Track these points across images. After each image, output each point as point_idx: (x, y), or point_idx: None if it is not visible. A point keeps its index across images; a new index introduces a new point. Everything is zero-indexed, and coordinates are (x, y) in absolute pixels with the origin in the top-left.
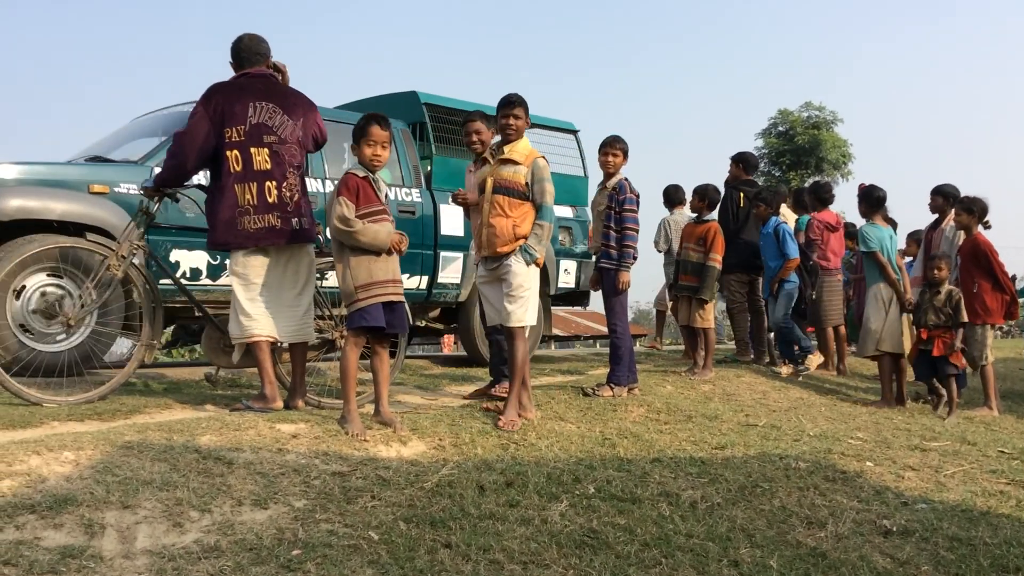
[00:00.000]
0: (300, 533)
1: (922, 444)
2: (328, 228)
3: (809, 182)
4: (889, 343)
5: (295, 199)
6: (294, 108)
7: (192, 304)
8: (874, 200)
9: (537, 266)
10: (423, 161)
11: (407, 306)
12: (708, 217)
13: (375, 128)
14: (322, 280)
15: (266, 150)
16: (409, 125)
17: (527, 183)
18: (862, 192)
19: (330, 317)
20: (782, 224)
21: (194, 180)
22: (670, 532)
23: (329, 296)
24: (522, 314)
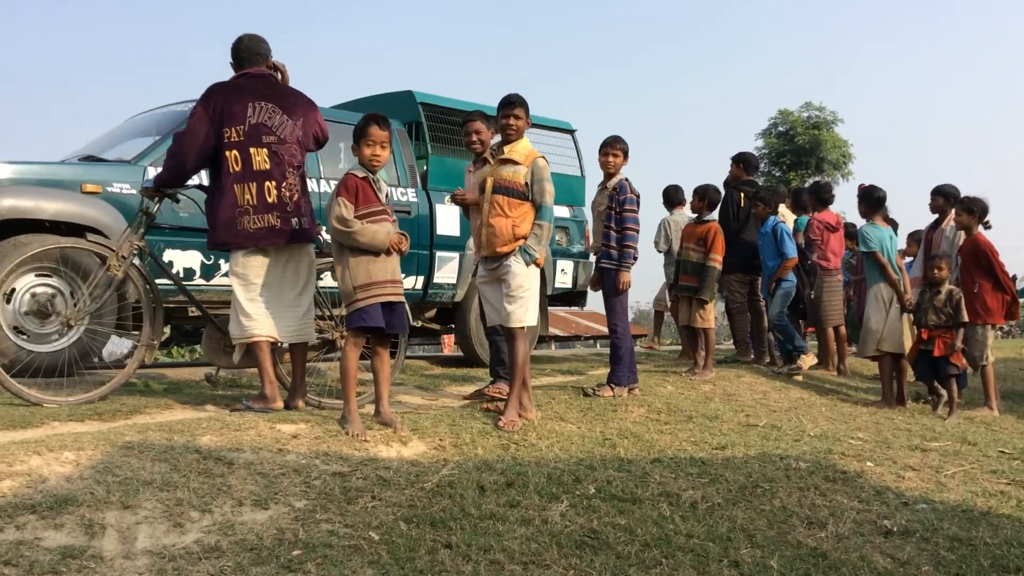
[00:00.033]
0: (300, 533)
1: (923, 444)
2: (327, 228)
3: (809, 182)
4: (890, 343)
5: (295, 199)
6: (294, 108)
7: (192, 304)
8: (874, 200)
9: (537, 266)
10: (419, 161)
11: (407, 306)
12: (708, 217)
13: (374, 128)
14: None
15: (265, 150)
16: (405, 125)
17: (527, 183)
18: (862, 192)
19: (330, 317)
20: (780, 223)
21: (194, 180)
22: (670, 532)
23: (329, 296)
24: (522, 314)
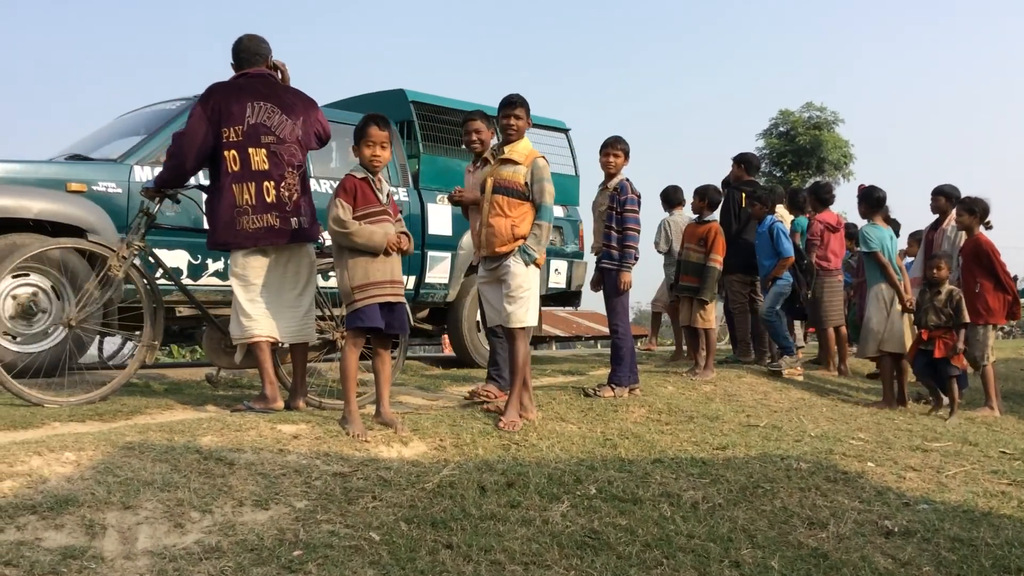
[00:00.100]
0: (301, 534)
1: (923, 445)
2: (327, 230)
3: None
4: (891, 343)
5: (294, 199)
6: (293, 107)
7: (193, 304)
8: (874, 201)
9: (537, 266)
10: (411, 160)
11: (408, 307)
12: (709, 217)
13: (373, 128)
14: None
15: (264, 150)
16: (397, 124)
17: (527, 183)
18: (862, 193)
19: (331, 318)
20: (777, 223)
21: (194, 180)
22: (671, 533)
23: (329, 296)
24: (522, 315)
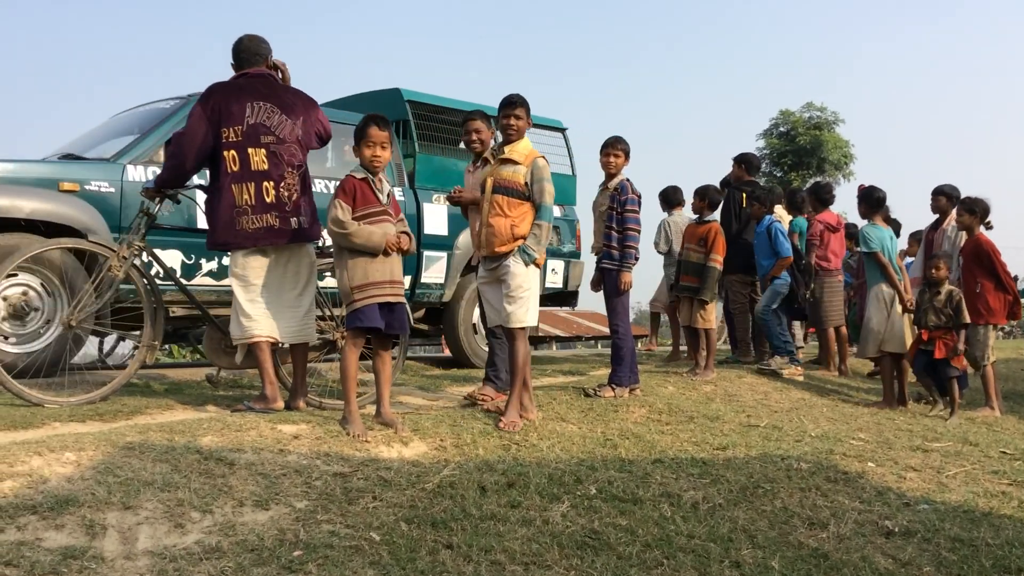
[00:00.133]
0: (301, 534)
1: (924, 445)
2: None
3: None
4: (892, 343)
5: (294, 199)
6: (293, 107)
7: (193, 304)
8: (874, 201)
9: (537, 266)
10: (406, 159)
11: (408, 307)
12: (709, 217)
13: (373, 129)
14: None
15: (263, 150)
16: (392, 123)
17: (527, 183)
18: (862, 193)
19: (331, 318)
20: (775, 223)
21: (194, 180)
22: (672, 533)
23: (330, 296)
24: (522, 315)
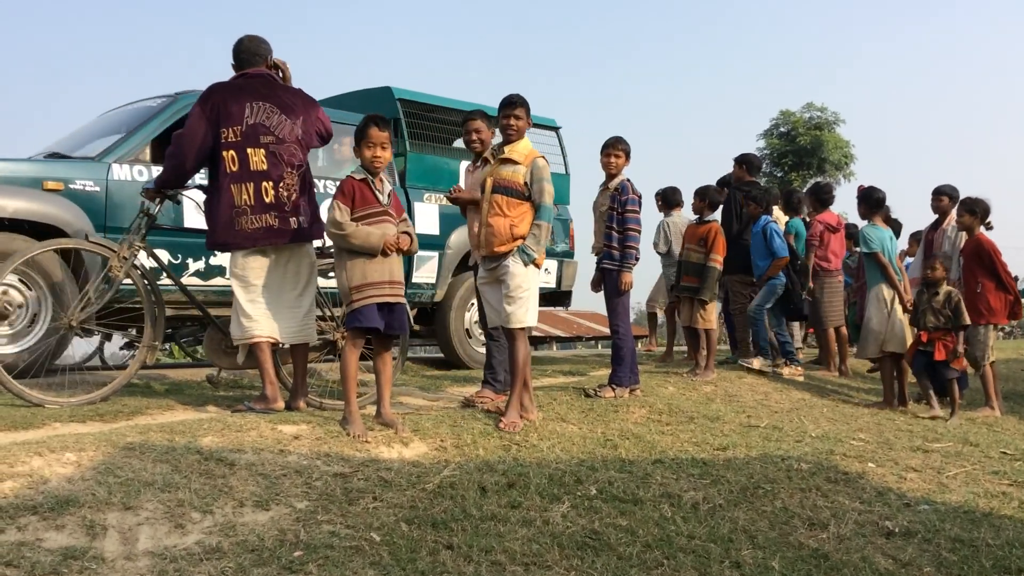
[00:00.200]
0: (302, 534)
1: (924, 445)
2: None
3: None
4: (893, 343)
5: (293, 199)
6: (293, 107)
7: (193, 305)
8: (874, 201)
9: (536, 266)
10: (397, 158)
11: (408, 307)
12: (709, 218)
13: (373, 129)
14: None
15: (262, 150)
16: None
17: (526, 183)
18: (861, 194)
19: (331, 318)
20: (771, 223)
21: (195, 180)
22: (672, 533)
23: (330, 297)
24: (522, 315)
